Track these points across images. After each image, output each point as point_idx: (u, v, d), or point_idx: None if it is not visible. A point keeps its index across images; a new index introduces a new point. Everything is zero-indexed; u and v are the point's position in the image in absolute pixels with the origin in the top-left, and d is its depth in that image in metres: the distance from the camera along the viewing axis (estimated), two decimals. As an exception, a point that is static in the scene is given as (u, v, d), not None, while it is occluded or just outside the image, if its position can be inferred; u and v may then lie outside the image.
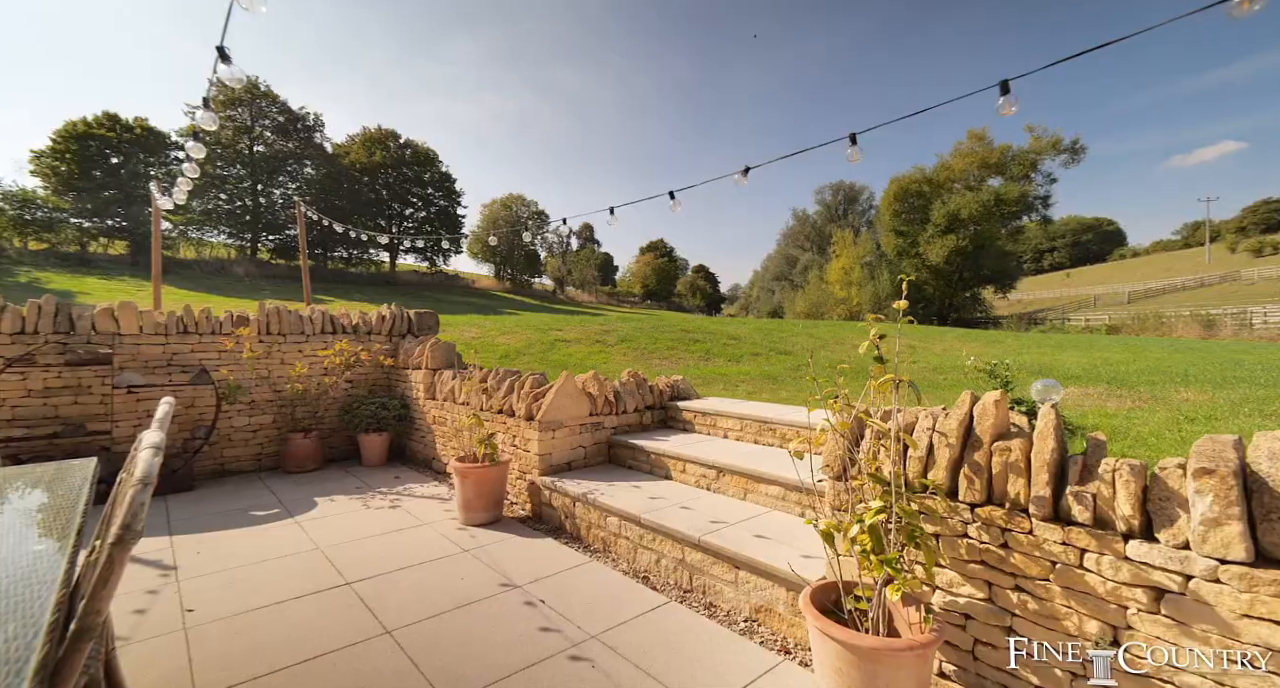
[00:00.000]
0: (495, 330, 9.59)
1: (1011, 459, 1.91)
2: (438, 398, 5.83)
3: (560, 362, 7.56)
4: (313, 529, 4.08)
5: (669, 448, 4.20)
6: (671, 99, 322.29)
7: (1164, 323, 25.23)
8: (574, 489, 3.92)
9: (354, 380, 6.56)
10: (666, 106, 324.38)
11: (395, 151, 41.22)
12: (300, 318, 6.33)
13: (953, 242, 35.43)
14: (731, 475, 3.68)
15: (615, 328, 10.06)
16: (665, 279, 70.25)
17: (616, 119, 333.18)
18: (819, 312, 42.75)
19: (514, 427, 4.61)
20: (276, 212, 35.29)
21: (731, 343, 9.08)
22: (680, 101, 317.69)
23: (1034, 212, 38.43)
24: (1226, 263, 53.94)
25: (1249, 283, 42.35)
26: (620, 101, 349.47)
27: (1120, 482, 1.65)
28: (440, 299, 27.04)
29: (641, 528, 3.33)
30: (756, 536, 2.95)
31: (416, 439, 6.25)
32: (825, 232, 62.31)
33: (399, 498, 4.86)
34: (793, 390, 5.80)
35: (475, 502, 4.13)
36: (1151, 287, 47.68)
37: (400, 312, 7.11)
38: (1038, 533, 1.79)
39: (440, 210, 43.73)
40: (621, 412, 4.82)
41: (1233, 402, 3.80)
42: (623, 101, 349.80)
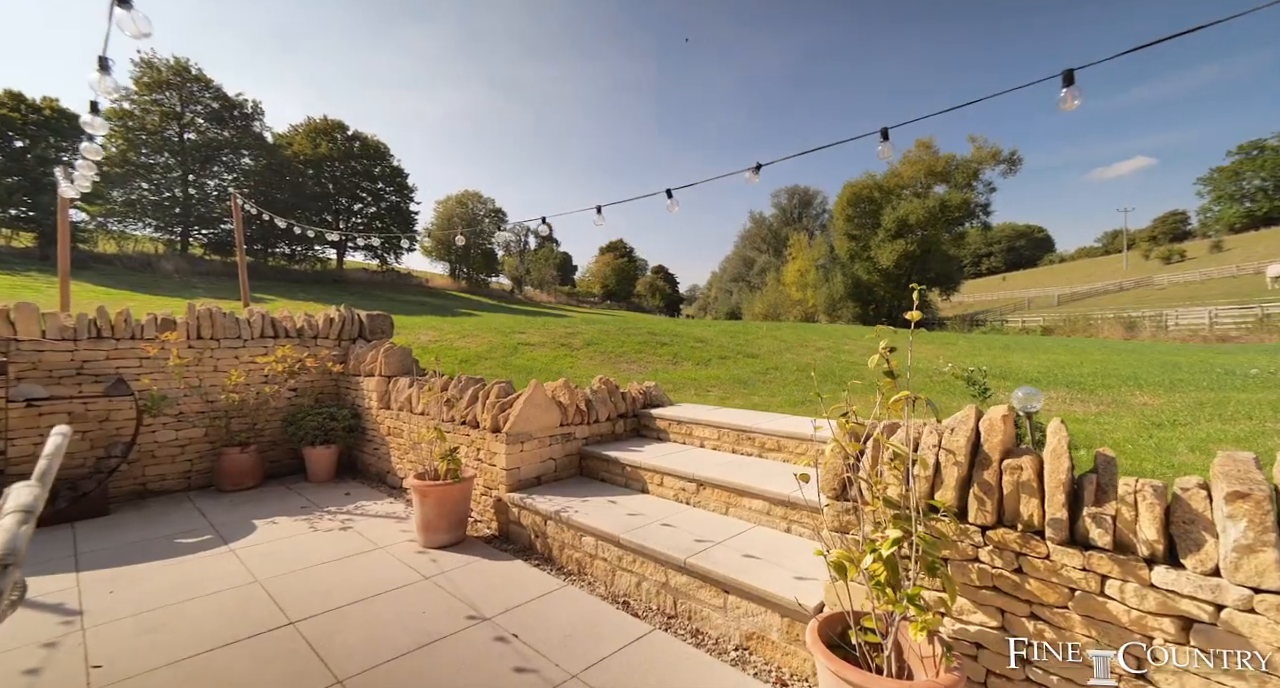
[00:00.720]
0: (454, 333, 9.15)
1: (1023, 479, 1.82)
2: (393, 407, 5.43)
3: (524, 366, 7.25)
4: (251, 558, 3.67)
5: (645, 459, 4.01)
6: (635, 98, 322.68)
7: (1091, 324, 27.00)
8: (545, 507, 3.67)
9: (298, 389, 6.05)
10: (630, 106, 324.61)
11: (343, 144, 39.27)
12: (236, 321, 5.78)
13: (902, 246, 36.82)
14: (713, 489, 3.53)
15: (580, 330, 9.79)
16: (625, 279, 70.10)
17: (579, 117, 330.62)
18: (776, 313, 43.61)
19: (478, 439, 4.31)
20: (211, 204, 32.93)
21: (699, 346, 8.99)
22: (644, 101, 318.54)
23: (975, 218, 40.44)
24: (1142, 268, 58.47)
25: (1160, 288, 46.03)
26: (582, 99, 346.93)
27: (1144, 504, 1.57)
28: (393, 299, 25.89)
29: (621, 549, 3.13)
30: (745, 556, 2.80)
31: (369, 452, 5.82)
32: (781, 234, 63.77)
33: (350, 518, 4.47)
34: (764, 395, 5.73)
35: (436, 522, 3.82)
36: (1078, 290, 51.13)
37: (350, 314, 6.63)
38: (1055, 558, 1.70)
39: (392, 206, 41.98)
40: (593, 421, 4.60)
41: (1188, 406, 3.95)
42: (585, 100, 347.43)
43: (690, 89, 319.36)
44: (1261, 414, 3.53)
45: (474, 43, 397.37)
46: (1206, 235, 71.69)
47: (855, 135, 3.47)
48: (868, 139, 3.33)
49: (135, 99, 30.32)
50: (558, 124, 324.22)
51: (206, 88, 32.71)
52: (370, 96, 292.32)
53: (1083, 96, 2.50)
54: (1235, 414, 3.54)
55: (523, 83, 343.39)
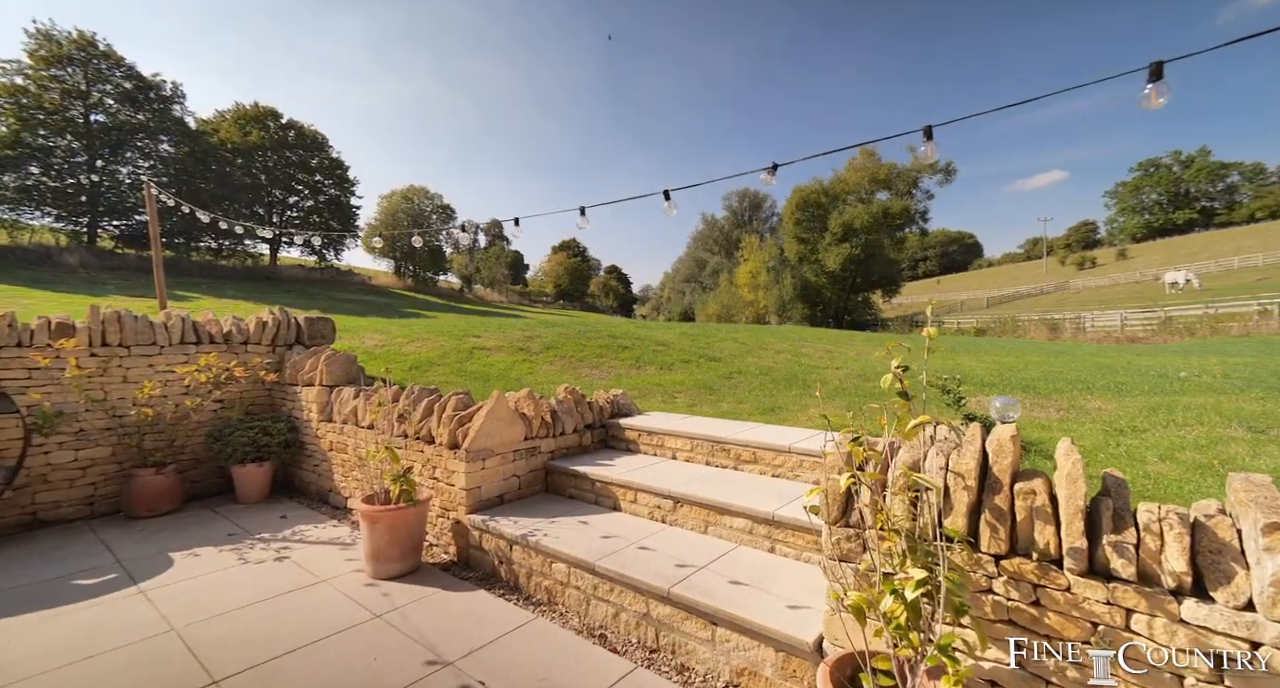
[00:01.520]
0: (402, 337, 8.59)
1: (1037, 504, 1.73)
2: (336, 420, 4.97)
3: (481, 373, 6.87)
4: (165, 601, 3.19)
5: (616, 475, 3.79)
6: (589, 96, 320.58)
7: (1019, 326, 28.84)
8: (511, 530, 3.39)
9: (225, 401, 5.46)
10: (583, 103, 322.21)
11: (276, 132, 36.74)
12: (151, 325, 5.14)
13: (847, 249, 38.15)
14: (691, 506, 3.35)
15: (539, 334, 9.43)
16: (578, 279, 69.40)
17: (530, 113, 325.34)
18: (729, 314, 44.29)
19: (434, 456, 3.97)
20: (123, 193, 30.03)
21: (661, 349, 8.83)
22: (598, 99, 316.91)
23: (915, 224, 42.53)
24: (1059, 274, 63.24)
25: (1076, 292, 49.94)
26: (534, 96, 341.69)
27: (1171, 534, 1.50)
28: (332, 297, 24.41)
29: (596, 577, 2.90)
30: (732, 582, 2.63)
31: (308, 468, 5.32)
32: (733, 236, 64.90)
33: (287, 546, 4.02)
34: (732, 402, 5.62)
35: (388, 550, 3.46)
36: (1005, 293, 54.71)
37: (286, 317, 6.06)
38: (1076, 591, 1.62)
39: (331, 200, 39.67)
40: (559, 434, 4.33)
41: (1140, 411, 4.12)
42: (537, 96, 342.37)
43: (642, 89, 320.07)
44: (1210, 419, 3.70)
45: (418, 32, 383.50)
46: (1113, 244, 78.50)
47: (896, 133, 3.38)
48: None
49: (30, 74, 27.24)
50: (509, 119, 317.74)
51: (117, 66, 29.81)
52: (308, 84, 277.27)
53: (1170, 94, 2.36)
54: (1187, 419, 3.70)
55: (471, 76, 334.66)
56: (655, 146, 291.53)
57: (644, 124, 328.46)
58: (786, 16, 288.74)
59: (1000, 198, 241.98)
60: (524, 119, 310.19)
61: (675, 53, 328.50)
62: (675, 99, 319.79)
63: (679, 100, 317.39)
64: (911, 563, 1.62)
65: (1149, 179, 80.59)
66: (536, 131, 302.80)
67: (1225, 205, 75.71)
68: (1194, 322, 21.98)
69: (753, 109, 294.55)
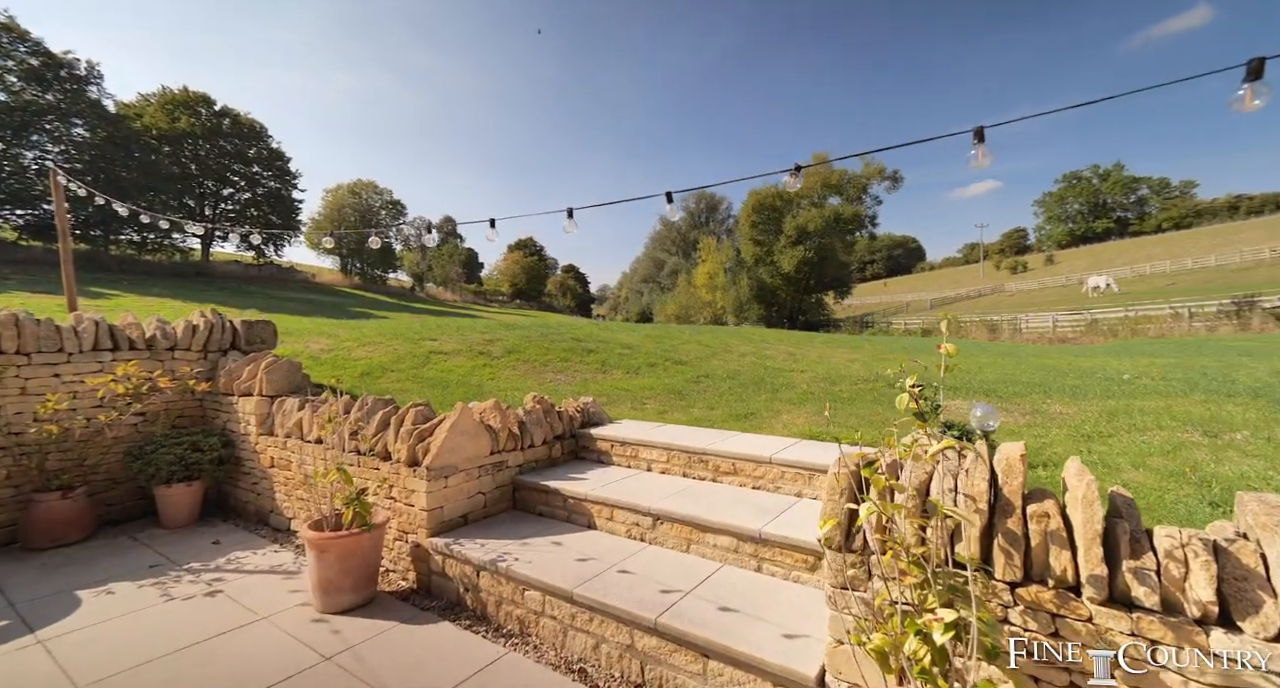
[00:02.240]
0: (352, 340, 8.05)
1: (1052, 528, 1.66)
2: (278, 434, 4.54)
3: (439, 379, 6.49)
4: (69, 650, 2.77)
5: (590, 490, 3.59)
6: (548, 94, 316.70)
7: (961, 327, 30.30)
8: (478, 555, 3.13)
9: (148, 414, 4.91)
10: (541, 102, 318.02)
11: (209, 120, 34.18)
12: (57, 330, 4.56)
13: (801, 252, 39.11)
14: (671, 524, 3.19)
15: (500, 337, 9.06)
16: (535, 278, 68.29)
17: (486, 109, 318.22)
18: (688, 314, 44.59)
19: (390, 474, 3.65)
20: (28, 179, 27.22)
21: (626, 352, 8.65)
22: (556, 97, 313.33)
23: (864, 228, 44.07)
24: (994, 277, 67.11)
25: (1010, 294, 53.14)
26: (491, 92, 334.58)
27: (1197, 561, 1.45)
28: (273, 296, 22.89)
29: (574, 606, 2.69)
30: (721, 608, 2.48)
31: (246, 487, 4.85)
32: (690, 237, 65.47)
33: (220, 577, 3.60)
34: (703, 408, 5.51)
35: (339, 581, 3.14)
36: (946, 296, 57.63)
37: (219, 320, 5.52)
38: (1099, 621, 1.54)
39: (270, 193, 37.27)
40: (528, 446, 4.09)
41: (1099, 415, 4.26)
42: (494, 92, 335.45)
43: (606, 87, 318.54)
44: (1166, 423, 3.85)
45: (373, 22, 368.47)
46: (1041, 250, 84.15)
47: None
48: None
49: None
50: (463, 115, 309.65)
51: (21, 40, 27.03)
52: (247, 72, 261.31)
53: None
54: (1145, 424, 3.84)
55: (428, 70, 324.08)
56: (618, 145, 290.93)
57: (606, 122, 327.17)
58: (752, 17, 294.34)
59: (941, 205, 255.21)
60: (483, 115, 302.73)
61: (639, 53, 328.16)
62: (637, 98, 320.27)
63: (641, 100, 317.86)
64: (934, 598, 1.51)
65: (1072, 190, 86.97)
66: (495, 128, 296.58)
67: (1137, 216, 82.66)
68: (1116, 324, 23.67)
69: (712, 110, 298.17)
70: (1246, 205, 77.11)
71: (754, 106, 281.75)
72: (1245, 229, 57.00)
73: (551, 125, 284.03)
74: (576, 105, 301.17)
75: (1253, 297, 21.03)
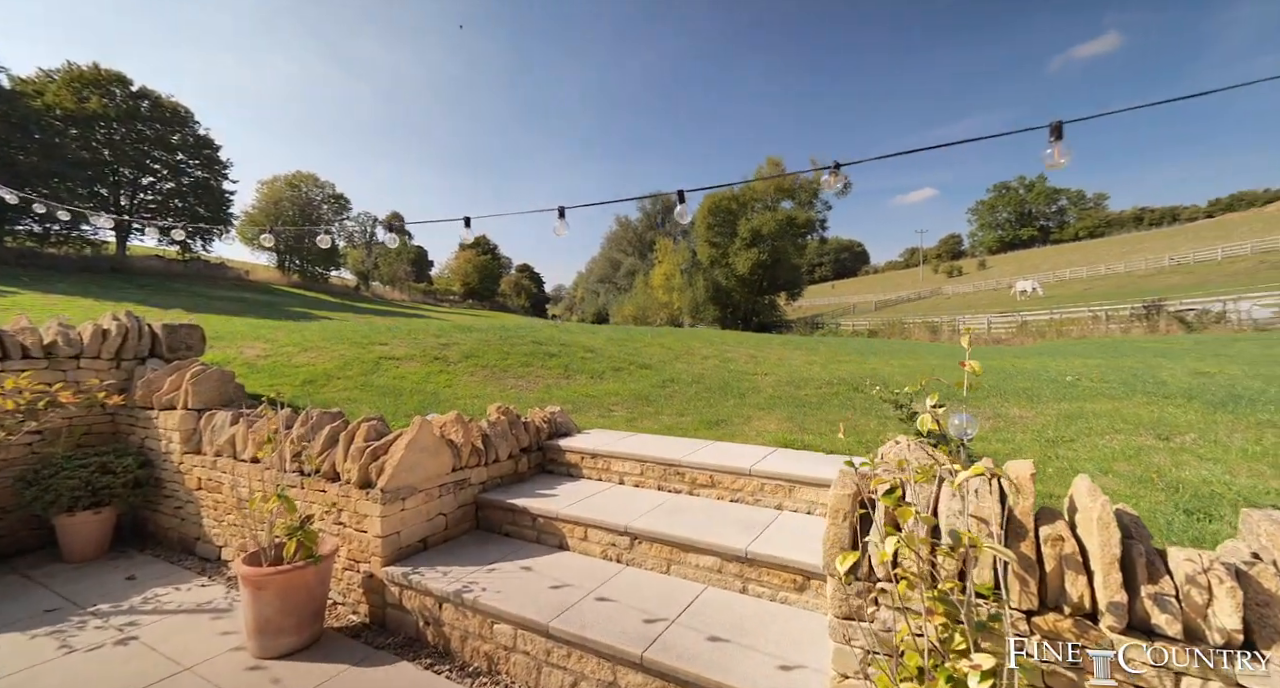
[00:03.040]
0: (292, 345, 7.44)
1: (1067, 552, 1.59)
2: (207, 452, 4.08)
3: (390, 387, 6.07)
4: (-57, 726, 2.32)
5: (561, 508, 3.37)
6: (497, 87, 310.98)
7: (905, 328, 31.68)
8: (440, 585, 2.86)
9: (47, 433, 4.31)
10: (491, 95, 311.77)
11: (124, 101, 31.30)
12: (-71, 336, 3.91)
13: (755, 254, 39.88)
14: (651, 543, 3.02)
15: (456, 340, 8.63)
16: (488, 278, 66.60)
17: (428, 104, 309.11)
18: (645, 315, 44.65)
19: (340, 498, 3.31)
20: (-97, 161, 24.12)
21: (589, 356, 8.43)
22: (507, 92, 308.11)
23: (815, 232, 45.38)
24: (933, 281, 70.78)
25: (948, 297, 56.18)
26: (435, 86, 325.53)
27: (1222, 587, 1.40)
28: (201, 294, 21.15)
29: (550, 640, 2.48)
30: (710, 638, 2.33)
31: (168, 512, 4.33)
32: (647, 238, 65.67)
33: (134, 621, 3.16)
34: (672, 415, 5.38)
35: (279, 621, 2.79)
36: (889, 298, 60.25)
37: (136, 323, 4.93)
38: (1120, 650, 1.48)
39: (197, 183, 34.55)
40: (492, 461, 3.82)
41: (1056, 418, 4.40)
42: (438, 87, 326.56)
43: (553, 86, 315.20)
44: (1120, 426, 4.01)
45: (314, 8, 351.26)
46: (974, 255, 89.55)
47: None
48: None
49: None
50: (412, 107, 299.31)
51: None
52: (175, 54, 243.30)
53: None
54: (1101, 427, 3.99)
55: (372, 61, 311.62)
56: (570, 144, 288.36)
57: (554, 122, 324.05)
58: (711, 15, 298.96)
59: (884, 210, 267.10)
60: (430, 109, 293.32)
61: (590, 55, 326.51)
62: (593, 97, 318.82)
63: (597, 99, 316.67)
64: (962, 637, 1.40)
65: (1001, 199, 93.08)
66: (444, 123, 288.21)
67: (1058, 225, 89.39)
68: (1044, 325, 25.32)
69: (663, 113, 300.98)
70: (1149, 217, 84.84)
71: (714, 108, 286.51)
72: (1149, 239, 62.57)
73: (504, 121, 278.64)
74: (530, 101, 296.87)
75: (1159, 301, 22.92)
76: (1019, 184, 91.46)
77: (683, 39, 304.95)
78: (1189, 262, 42.09)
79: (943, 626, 1.46)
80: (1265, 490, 2.75)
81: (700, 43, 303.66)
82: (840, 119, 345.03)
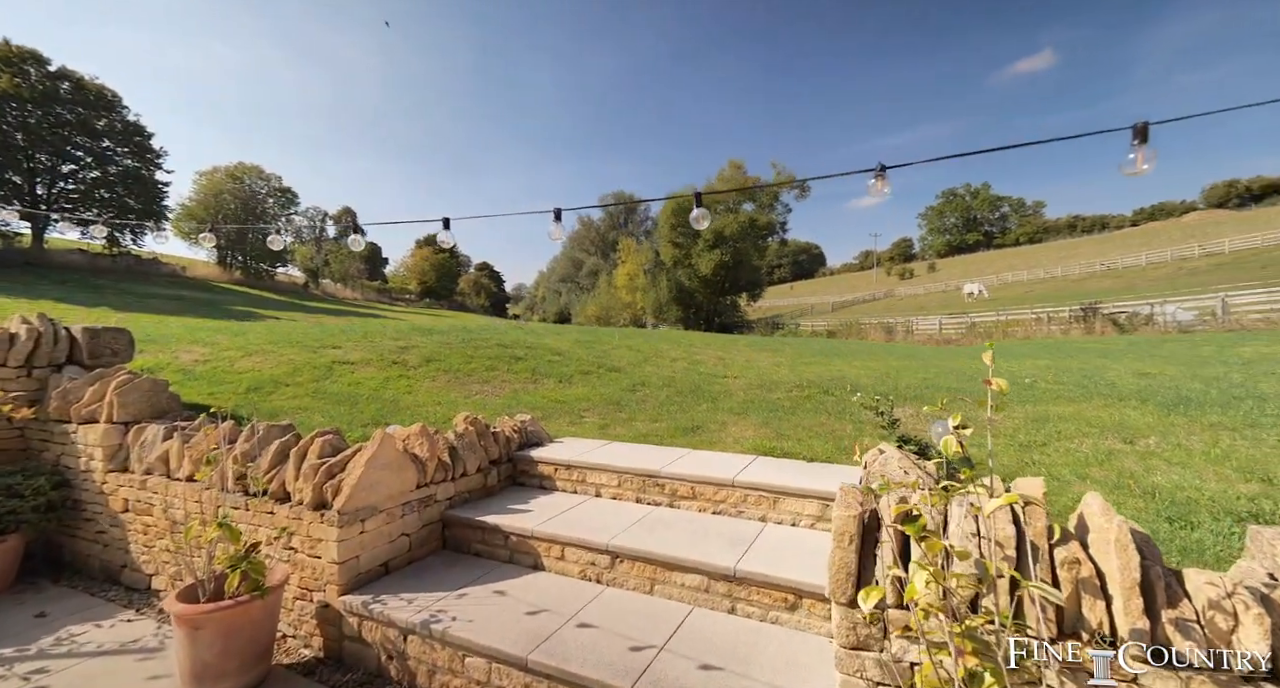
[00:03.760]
0: (235, 349, 6.89)
1: (1083, 576, 1.53)
2: (135, 470, 3.67)
3: (345, 394, 5.68)
4: None
5: (536, 524, 3.17)
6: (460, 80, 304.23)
7: (861, 329, 32.63)
8: (404, 615, 2.62)
9: (-61, 450, 3.78)
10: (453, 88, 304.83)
11: (40, 81, 28.75)
12: None
13: (718, 256, 40.30)
14: (632, 562, 2.86)
15: (416, 343, 8.21)
16: (446, 276, 64.78)
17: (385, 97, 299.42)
18: (608, 315, 44.42)
19: (291, 521, 3.00)
20: None
21: (557, 359, 8.19)
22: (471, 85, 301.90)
23: (776, 234, 46.25)
24: (886, 282, 73.41)
25: (900, 298, 58.34)
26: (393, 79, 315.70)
27: (1249, 614, 1.36)
28: (130, 292, 19.57)
29: (529, 675, 2.29)
30: (703, 666, 2.20)
31: (88, 537, 3.89)
32: (609, 238, 65.48)
33: (44, 667, 2.77)
34: (646, 421, 5.24)
35: (220, 664, 2.49)
36: (845, 299, 62.08)
37: (50, 327, 4.42)
38: (1145, 681, 1.43)
39: (126, 172, 32.07)
40: (460, 475, 3.58)
41: (1026, 421, 4.49)
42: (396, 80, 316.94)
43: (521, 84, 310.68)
44: (1086, 429, 4.12)
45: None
46: (924, 258, 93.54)
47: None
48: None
49: None
50: (370, 101, 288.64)
51: None
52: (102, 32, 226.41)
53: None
54: (1069, 431, 4.09)
55: (326, 49, 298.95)
56: (533, 142, 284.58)
57: (521, 119, 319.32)
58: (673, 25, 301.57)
59: (839, 213, 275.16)
60: (388, 102, 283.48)
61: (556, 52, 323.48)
62: (554, 98, 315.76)
63: (558, 99, 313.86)
64: (992, 678, 1.31)
65: (949, 205, 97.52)
66: (402, 117, 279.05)
67: (1000, 230, 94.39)
68: (991, 326, 26.55)
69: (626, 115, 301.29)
70: (1081, 224, 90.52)
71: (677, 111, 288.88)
72: (1082, 245, 66.76)
73: (465, 117, 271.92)
74: (492, 98, 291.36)
75: (1095, 304, 24.37)
76: (965, 191, 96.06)
77: (654, 41, 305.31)
78: (1118, 267, 45.10)
79: (974, 665, 1.36)
80: (1236, 496, 2.84)
81: (671, 46, 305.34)
82: (798, 120, 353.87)
